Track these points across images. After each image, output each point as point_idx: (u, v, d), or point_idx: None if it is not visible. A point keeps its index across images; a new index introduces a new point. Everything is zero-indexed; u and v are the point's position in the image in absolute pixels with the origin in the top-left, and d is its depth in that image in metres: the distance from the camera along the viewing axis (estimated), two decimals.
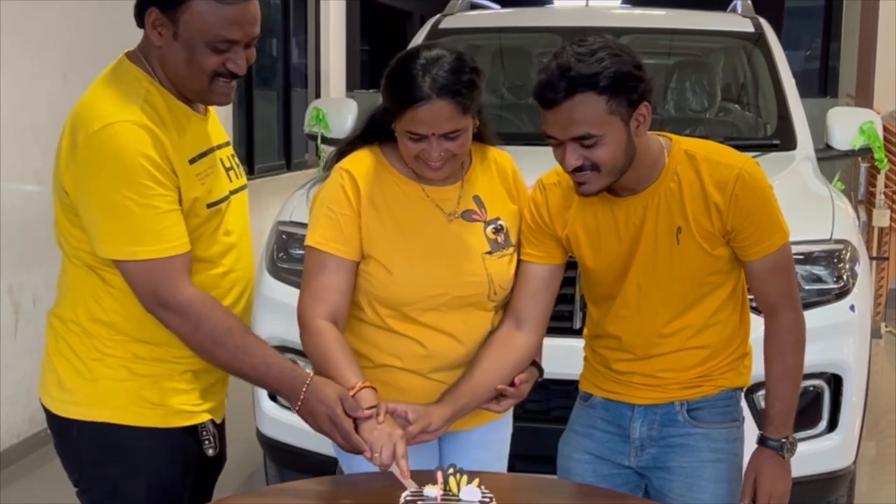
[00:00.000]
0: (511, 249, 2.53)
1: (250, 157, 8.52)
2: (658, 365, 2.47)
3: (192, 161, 2.29)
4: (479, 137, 2.55)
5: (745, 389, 2.59)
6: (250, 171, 8.42)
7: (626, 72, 2.27)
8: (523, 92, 5.91)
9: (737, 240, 2.38)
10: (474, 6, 6.12)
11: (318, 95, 10.02)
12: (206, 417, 2.40)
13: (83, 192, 2.21)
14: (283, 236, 4.06)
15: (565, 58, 2.28)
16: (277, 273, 4.04)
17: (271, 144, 9.39)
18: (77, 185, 2.22)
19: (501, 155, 2.62)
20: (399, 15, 16.21)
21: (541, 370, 2.58)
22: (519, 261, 2.55)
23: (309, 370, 2.34)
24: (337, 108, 5.43)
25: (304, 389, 2.26)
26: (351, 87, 10.90)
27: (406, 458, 2.22)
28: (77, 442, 2.35)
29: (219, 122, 2.53)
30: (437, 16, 5.70)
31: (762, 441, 2.48)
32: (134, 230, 2.20)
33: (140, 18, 2.27)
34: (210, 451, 2.40)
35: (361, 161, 2.50)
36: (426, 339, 2.48)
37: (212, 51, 2.23)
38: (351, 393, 2.29)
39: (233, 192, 2.45)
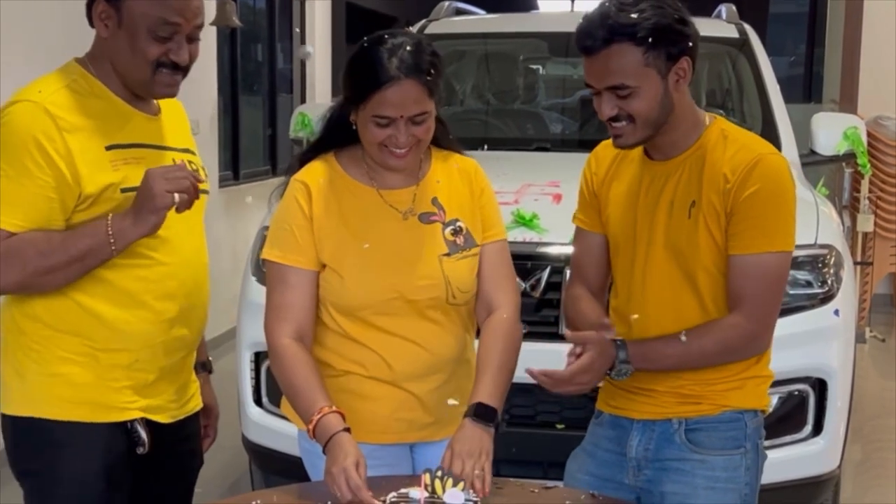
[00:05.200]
0: (474, 250, 2.50)
1: (236, 162, 8.50)
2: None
3: (111, 148, 2.32)
4: (442, 144, 2.55)
5: (762, 413, 2.49)
6: (235, 177, 8.41)
7: (665, 24, 2.27)
8: (509, 97, 5.92)
9: (731, 224, 2.32)
10: (460, 12, 6.12)
11: (303, 101, 10.01)
12: (136, 415, 2.40)
13: None
14: None
15: (607, 6, 2.28)
16: (262, 278, 4.02)
17: (257, 150, 9.37)
18: None
19: (464, 160, 2.58)
20: (384, 20, 16.20)
21: (497, 424, 2.40)
22: (578, 228, 2.59)
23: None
24: (322, 113, 5.41)
25: (108, 220, 2.27)
26: (336, 92, 10.78)
27: (364, 485, 2.18)
28: (12, 437, 2.40)
29: (188, 131, 2.57)
30: (423, 21, 5.71)
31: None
32: None
33: (89, 15, 2.35)
34: (139, 450, 2.40)
35: (315, 171, 2.49)
36: (387, 347, 2.45)
37: (154, 39, 2.30)
38: (316, 417, 2.29)
39: None
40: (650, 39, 2.24)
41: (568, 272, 2.65)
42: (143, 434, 2.41)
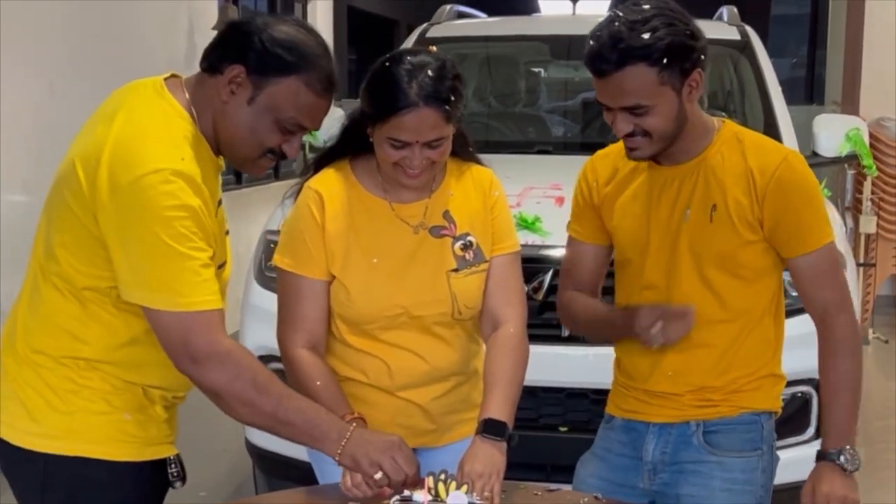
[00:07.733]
0: (483, 266, 2.47)
1: None
2: (670, 363, 2.41)
3: (216, 214, 2.23)
4: (460, 155, 2.52)
5: (774, 416, 2.51)
6: (238, 181, 8.42)
7: (679, 43, 2.23)
8: (510, 100, 5.93)
9: (777, 232, 2.32)
10: (461, 15, 6.13)
11: None
12: (174, 450, 2.32)
13: (124, 236, 2.09)
14: (272, 245, 4.05)
15: (617, 26, 2.22)
16: (265, 282, 4.04)
17: None
18: (118, 226, 2.09)
19: (481, 171, 2.55)
20: (386, 24, 16.23)
21: (510, 438, 2.36)
22: (571, 237, 2.57)
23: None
24: (336, 116, 5.42)
25: (350, 430, 2.20)
26: (338, 95, 10.90)
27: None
28: (42, 475, 2.23)
29: None
30: (425, 25, 5.71)
31: (820, 455, 2.36)
32: (173, 280, 2.09)
33: (215, 65, 2.18)
34: (177, 485, 2.31)
35: (329, 179, 2.47)
36: (388, 357, 2.45)
37: (278, 129, 2.18)
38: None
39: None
40: (665, 60, 2.21)
41: None
42: (182, 469, 2.31)
